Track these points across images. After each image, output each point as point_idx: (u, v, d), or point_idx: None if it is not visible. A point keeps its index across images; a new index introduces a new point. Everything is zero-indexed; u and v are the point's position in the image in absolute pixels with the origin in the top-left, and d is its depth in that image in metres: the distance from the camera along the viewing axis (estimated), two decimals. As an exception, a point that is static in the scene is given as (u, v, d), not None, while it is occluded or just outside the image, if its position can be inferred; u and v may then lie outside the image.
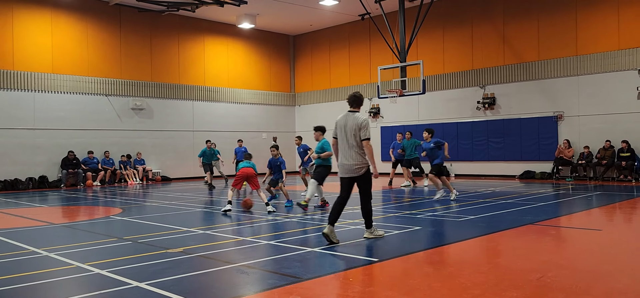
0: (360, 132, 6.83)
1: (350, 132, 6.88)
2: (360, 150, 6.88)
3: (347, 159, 6.94)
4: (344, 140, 6.96)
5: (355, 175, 6.93)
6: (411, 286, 4.94)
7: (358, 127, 6.83)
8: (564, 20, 18.67)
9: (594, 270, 5.51)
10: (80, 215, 11.51)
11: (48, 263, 6.13)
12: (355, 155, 6.88)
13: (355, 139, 6.85)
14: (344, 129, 6.96)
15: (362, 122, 6.85)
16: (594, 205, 11.22)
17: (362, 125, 6.84)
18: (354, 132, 6.85)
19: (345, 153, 6.95)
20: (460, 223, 8.75)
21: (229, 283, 5.31)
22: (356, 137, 6.84)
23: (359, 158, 6.88)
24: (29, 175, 18.97)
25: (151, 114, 22.36)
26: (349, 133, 6.90)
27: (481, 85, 20.77)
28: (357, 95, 7.14)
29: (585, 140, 18.16)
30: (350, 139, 6.89)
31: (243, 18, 23.06)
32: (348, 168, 6.95)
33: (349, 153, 6.90)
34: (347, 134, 6.92)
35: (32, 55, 19.22)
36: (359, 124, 6.84)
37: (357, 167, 6.90)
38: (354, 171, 6.92)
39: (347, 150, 6.92)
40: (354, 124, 6.86)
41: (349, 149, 6.91)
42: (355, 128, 6.84)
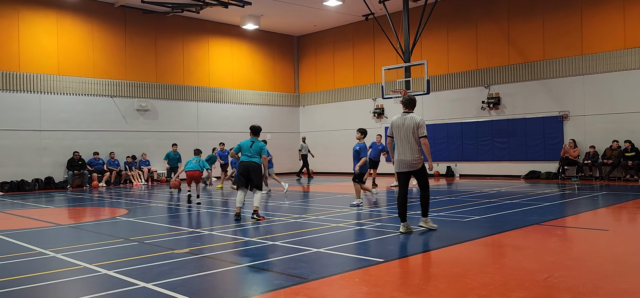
0: (418, 130, 7.56)
1: (407, 130, 7.58)
2: (416, 147, 7.60)
3: (404, 155, 7.63)
4: (401, 138, 7.65)
5: (412, 169, 7.66)
6: (417, 286, 4.94)
7: (416, 126, 7.57)
8: (569, 20, 18.61)
9: (600, 270, 5.49)
10: (86, 216, 11.56)
11: (56, 264, 6.16)
12: (413, 152, 7.59)
13: (413, 136, 7.55)
14: (401, 128, 7.64)
15: (420, 122, 7.62)
16: (600, 205, 11.18)
17: (420, 124, 7.60)
18: (412, 131, 7.55)
19: (403, 150, 7.64)
20: (465, 223, 8.74)
21: (236, 283, 5.32)
22: (414, 135, 7.56)
23: (415, 154, 7.61)
24: (35, 176, 19.07)
25: (156, 115, 22.43)
26: (406, 132, 7.60)
27: (486, 85, 20.73)
28: (412, 98, 7.86)
29: (590, 140, 18.09)
30: (407, 137, 7.59)
31: (247, 19, 23.11)
32: (406, 163, 7.65)
33: (407, 149, 7.61)
34: (404, 133, 7.61)
35: (37, 57, 19.31)
36: (417, 123, 7.58)
37: (415, 161, 7.63)
38: (412, 166, 7.64)
39: (405, 147, 7.62)
40: (412, 123, 7.58)
41: (406, 145, 7.60)
42: (413, 127, 7.56)
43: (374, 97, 24.25)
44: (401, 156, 7.67)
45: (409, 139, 7.58)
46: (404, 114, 7.74)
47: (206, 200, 13.90)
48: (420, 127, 7.59)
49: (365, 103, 24.67)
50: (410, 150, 7.59)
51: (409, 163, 7.64)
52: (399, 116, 7.77)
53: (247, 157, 9.58)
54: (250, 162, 9.52)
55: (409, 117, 7.66)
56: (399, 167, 7.72)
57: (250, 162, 9.51)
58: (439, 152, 21.71)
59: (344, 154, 20.52)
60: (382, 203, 12.32)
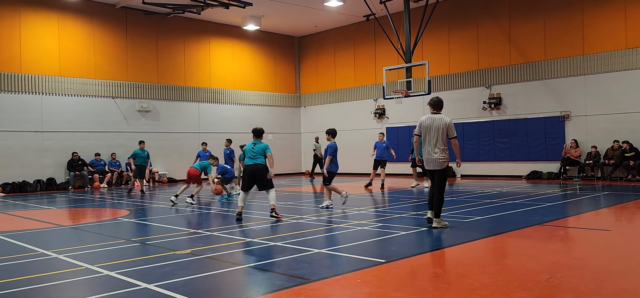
0: (447, 131, 7.93)
1: (436, 131, 7.93)
2: (444, 147, 7.95)
3: (431, 154, 7.99)
4: (430, 138, 7.99)
5: (438, 168, 7.97)
6: (419, 287, 4.93)
7: (446, 127, 7.93)
8: (570, 20, 18.60)
9: (603, 270, 5.48)
10: (88, 217, 11.57)
11: (58, 265, 6.17)
12: (440, 151, 7.93)
13: (441, 136, 7.90)
14: (430, 129, 7.97)
15: (449, 123, 7.99)
16: (602, 205, 11.17)
17: (450, 125, 7.98)
18: (441, 131, 7.90)
19: (431, 149, 7.98)
20: (467, 224, 8.73)
21: (237, 284, 5.32)
22: (443, 135, 7.92)
23: (443, 154, 7.95)
24: (36, 177, 19.09)
25: (157, 116, 22.45)
26: (435, 132, 7.94)
27: (487, 85, 20.72)
28: (440, 100, 8.20)
29: (592, 140, 18.07)
30: (435, 137, 7.95)
31: (248, 20, 23.12)
32: (433, 162, 8.00)
33: (434, 149, 7.96)
34: (433, 133, 7.96)
35: (39, 58, 19.34)
36: (447, 124, 7.94)
37: (441, 160, 7.96)
38: (439, 164, 7.96)
39: (433, 147, 7.97)
40: (442, 124, 7.93)
41: (434, 145, 7.96)
42: (443, 127, 7.91)
43: (375, 97, 24.24)
44: (429, 155, 8.02)
45: (437, 139, 7.92)
46: (432, 115, 8.06)
47: (206, 201, 13.91)
48: (450, 128, 7.96)
49: (367, 103, 24.67)
50: (438, 149, 7.93)
51: (435, 162, 7.98)
52: (427, 116, 8.08)
53: (250, 159, 9.69)
54: (254, 164, 9.61)
55: (438, 117, 7.99)
56: (427, 165, 8.10)
57: (254, 165, 9.61)
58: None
59: (345, 155, 20.53)
60: (356, 204, 12.32)
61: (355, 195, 14.64)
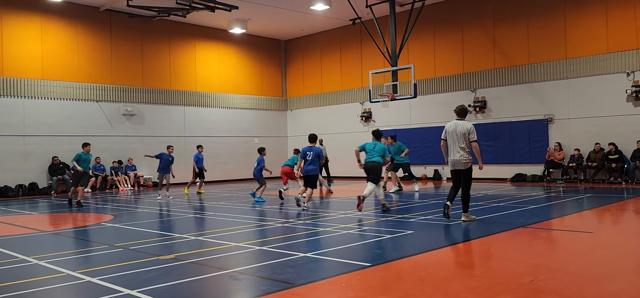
0: (469, 135, 8.77)
1: (459, 135, 8.79)
2: (467, 149, 8.79)
3: (456, 156, 8.85)
4: (454, 141, 8.85)
5: (462, 168, 8.83)
6: (404, 291, 4.93)
7: (467, 132, 8.78)
8: (553, 24, 18.82)
9: (585, 272, 5.53)
10: (70, 222, 11.41)
11: (38, 272, 6.06)
12: (463, 153, 8.79)
13: (464, 140, 8.75)
14: (454, 133, 8.86)
15: (471, 128, 8.83)
16: (585, 207, 11.29)
17: (471, 130, 8.82)
18: (463, 135, 8.76)
19: (455, 152, 8.86)
20: (452, 226, 8.77)
21: (222, 289, 5.28)
22: (465, 139, 8.76)
23: (466, 156, 8.81)
24: (18, 182, 18.80)
25: (142, 120, 22.26)
26: (458, 136, 8.80)
27: (472, 89, 20.88)
28: (464, 107, 9.15)
29: (575, 143, 18.29)
30: (459, 141, 8.79)
31: (234, 23, 23.04)
32: (457, 163, 8.86)
33: (458, 151, 8.82)
34: (456, 137, 8.82)
35: (21, 61, 19.07)
36: (469, 129, 8.80)
37: (465, 162, 8.83)
38: (462, 165, 8.83)
39: (457, 149, 8.83)
40: (464, 129, 8.79)
41: (458, 148, 8.81)
42: (465, 132, 8.77)
43: (361, 100, 24.29)
44: (453, 157, 8.88)
45: (460, 143, 8.77)
46: (456, 121, 8.96)
47: (194, 205, 13.81)
48: (472, 133, 8.80)
49: (353, 107, 24.71)
50: (461, 151, 8.79)
51: (458, 162, 8.85)
52: (452, 122, 9.00)
53: (369, 157, 11.11)
54: (372, 162, 10.99)
55: (461, 123, 8.90)
56: (452, 166, 8.94)
57: (372, 162, 10.99)
58: (426, 156, 21.80)
59: (331, 158, 20.53)
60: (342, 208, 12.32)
61: (343, 198, 14.65)
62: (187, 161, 23.59)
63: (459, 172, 8.93)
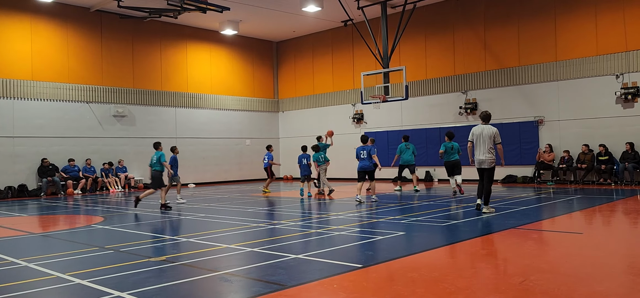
0: (495, 138, 9.99)
1: (486, 138, 9.99)
2: (492, 150, 10.02)
3: (482, 156, 10.07)
4: (480, 143, 10.06)
5: (487, 167, 10.06)
6: (396, 291, 4.94)
7: (492, 134, 10.00)
8: (543, 26, 18.96)
9: (575, 273, 5.57)
10: (60, 224, 11.32)
11: (27, 274, 6.01)
12: (488, 154, 10.02)
13: (490, 143, 9.94)
14: (481, 136, 10.05)
15: (496, 132, 10.08)
16: (575, 208, 11.38)
17: (496, 134, 10.06)
18: (490, 138, 9.96)
19: (481, 153, 10.06)
20: (444, 227, 8.80)
21: (213, 291, 5.26)
22: (490, 141, 9.96)
23: (490, 156, 10.05)
24: (7, 183, 18.63)
25: (133, 121, 22.15)
26: (484, 138, 10.00)
27: (463, 91, 20.97)
28: (489, 114, 10.34)
29: (565, 145, 18.43)
30: (485, 143, 9.98)
31: (226, 24, 23.00)
32: (483, 162, 10.09)
33: (484, 152, 10.03)
34: (483, 139, 10.01)
35: (11, 62, 18.91)
36: (494, 133, 10.03)
37: (489, 161, 10.06)
38: (487, 164, 10.06)
39: (483, 151, 10.03)
40: (491, 132, 10.01)
41: (484, 149, 10.01)
42: (492, 135, 9.99)
43: (353, 102, 24.33)
44: (480, 156, 10.06)
45: (486, 144, 9.95)
46: (482, 125, 10.13)
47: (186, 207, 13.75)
48: (497, 136, 10.02)
49: (345, 108, 24.74)
50: (487, 152, 9.97)
51: (484, 162, 10.03)
52: (479, 126, 10.19)
53: (448, 155, 14.33)
54: (454, 160, 14.33)
55: (487, 127, 10.07)
56: (479, 165, 10.12)
57: (454, 160, 14.30)
58: (418, 157, 21.78)
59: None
60: (334, 209, 12.33)
61: (335, 200, 14.65)
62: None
63: (485, 171, 10.11)
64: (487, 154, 10.00)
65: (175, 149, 15.16)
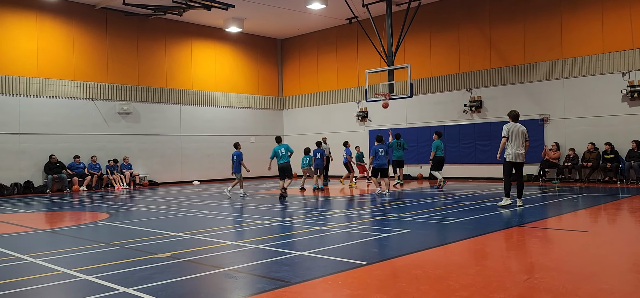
0: (526, 135, 10.97)
1: (520, 135, 10.86)
2: (524, 146, 10.94)
3: (520, 151, 10.84)
4: (516, 139, 10.82)
5: (521, 161, 10.89)
6: (399, 289, 4.95)
7: (525, 132, 10.97)
8: (549, 24, 18.88)
9: (580, 271, 5.56)
10: (66, 220, 11.38)
11: (34, 270, 6.05)
12: (523, 150, 10.89)
13: (523, 139, 10.89)
14: (516, 133, 10.84)
15: (526, 131, 11.04)
16: (580, 206, 11.34)
17: (526, 131, 11.03)
18: (523, 135, 10.91)
19: (518, 148, 10.83)
20: (448, 225, 8.79)
21: (217, 287, 5.28)
22: (524, 137, 10.92)
23: (524, 151, 10.94)
24: (14, 180, 18.73)
25: (138, 118, 22.21)
26: (519, 135, 10.84)
27: (468, 89, 20.92)
28: (517, 112, 11.21)
29: (570, 143, 18.35)
30: (521, 139, 10.86)
31: (230, 22, 23.01)
32: (519, 156, 10.84)
33: (520, 148, 10.84)
34: (518, 136, 10.83)
35: (17, 59, 18.99)
36: (526, 131, 11.02)
37: (523, 156, 10.94)
38: (521, 158, 10.89)
39: (519, 146, 10.84)
40: (524, 130, 10.97)
41: (520, 145, 10.85)
42: (524, 133, 10.94)
43: (357, 100, 24.31)
44: (517, 151, 10.80)
45: (520, 141, 10.81)
46: (515, 123, 10.94)
47: (190, 203, 13.79)
48: (527, 133, 11.01)
49: (349, 106, 24.72)
50: (522, 148, 10.84)
51: (520, 156, 10.82)
52: (512, 124, 10.92)
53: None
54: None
55: (519, 125, 10.93)
56: (514, 159, 10.81)
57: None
58: (422, 155, 21.83)
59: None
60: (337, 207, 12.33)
61: (339, 197, 14.66)
62: (182, 160, 23.58)
63: (519, 165, 10.87)
64: (522, 150, 10.81)
65: (239, 145, 16.07)
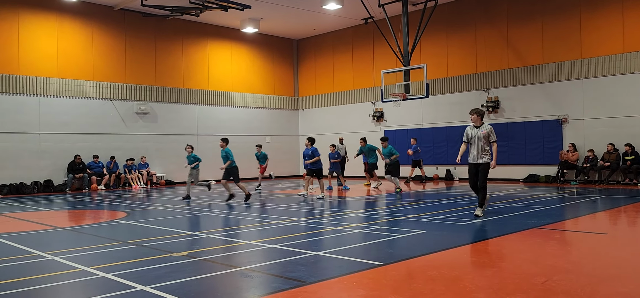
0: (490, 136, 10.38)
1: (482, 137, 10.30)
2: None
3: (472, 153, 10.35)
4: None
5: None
6: (415, 290, 4.93)
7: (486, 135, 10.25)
8: (568, 23, 18.64)
9: (599, 274, 5.48)
10: (85, 219, 11.55)
11: (53, 267, 6.15)
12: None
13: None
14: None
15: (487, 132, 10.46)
16: (599, 208, 11.18)
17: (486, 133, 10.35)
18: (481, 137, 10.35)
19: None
20: (464, 226, 8.73)
21: (233, 287, 5.32)
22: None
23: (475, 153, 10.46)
24: (34, 179, 19.06)
25: (155, 118, 22.44)
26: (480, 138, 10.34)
27: (485, 89, 20.75)
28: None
29: (589, 144, 18.10)
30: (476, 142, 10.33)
31: (247, 22, 23.13)
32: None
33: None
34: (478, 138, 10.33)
35: (37, 60, 19.33)
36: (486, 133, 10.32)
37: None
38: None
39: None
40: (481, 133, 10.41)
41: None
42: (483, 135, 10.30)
43: (373, 100, 24.26)
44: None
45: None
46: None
47: (205, 203, 13.88)
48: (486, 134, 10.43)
49: (365, 106, 24.69)
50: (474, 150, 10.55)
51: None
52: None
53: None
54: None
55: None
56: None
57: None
58: (439, 156, 21.71)
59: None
60: (353, 207, 12.31)
61: (355, 197, 14.64)
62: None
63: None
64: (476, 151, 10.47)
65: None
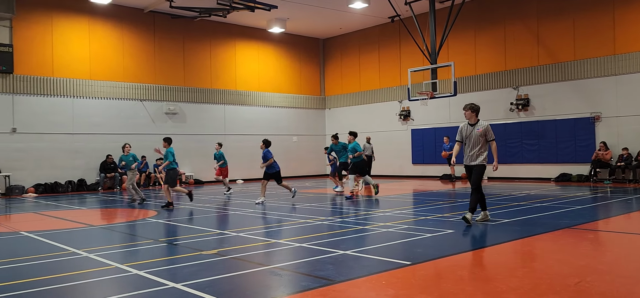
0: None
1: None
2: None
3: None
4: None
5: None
6: (444, 290, 4.89)
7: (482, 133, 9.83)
8: (600, 19, 18.19)
9: (634, 275, 5.35)
10: (117, 217, 11.81)
11: (88, 264, 6.32)
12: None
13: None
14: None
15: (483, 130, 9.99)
16: (634, 208, 10.88)
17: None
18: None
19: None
20: (494, 226, 8.62)
21: (262, 285, 5.37)
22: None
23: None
24: (68, 178, 19.57)
25: (184, 118, 22.77)
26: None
27: (514, 86, 20.41)
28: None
29: (624, 142, 17.63)
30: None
31: (273, 22, 23.27)
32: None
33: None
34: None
35: (70, 62, 19.83)
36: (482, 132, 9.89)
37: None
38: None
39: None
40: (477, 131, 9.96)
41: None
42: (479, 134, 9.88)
43: (399, 99, 24.11)
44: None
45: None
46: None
47: (234, 202, 14.02)
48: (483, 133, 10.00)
49: (391, 105, 24.56)
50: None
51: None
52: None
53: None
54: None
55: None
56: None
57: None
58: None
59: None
60: (381, 206, 12.22)
61: (383, 197, 14.59)
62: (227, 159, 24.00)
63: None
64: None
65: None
